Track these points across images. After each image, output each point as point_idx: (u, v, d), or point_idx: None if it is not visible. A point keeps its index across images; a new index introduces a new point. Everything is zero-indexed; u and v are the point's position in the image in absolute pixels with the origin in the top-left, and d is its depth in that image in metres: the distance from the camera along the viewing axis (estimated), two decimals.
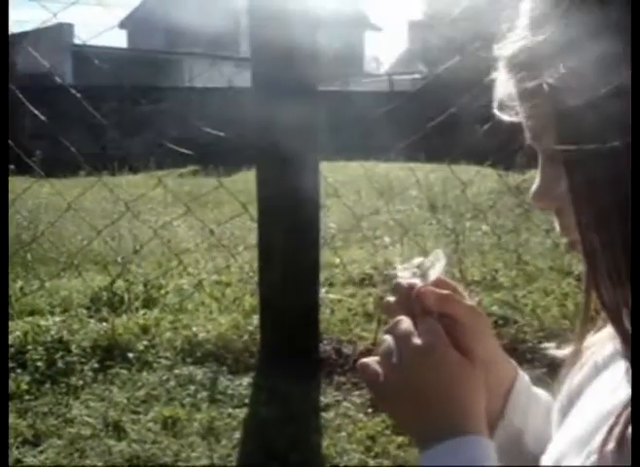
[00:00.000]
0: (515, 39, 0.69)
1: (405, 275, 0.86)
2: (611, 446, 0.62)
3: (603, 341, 0.77)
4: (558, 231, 0.76)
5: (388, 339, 0.80)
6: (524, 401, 0.89)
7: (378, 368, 0.80)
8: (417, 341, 0.78)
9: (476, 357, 0.80)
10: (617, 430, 0.62)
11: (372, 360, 0.81)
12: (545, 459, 0.73)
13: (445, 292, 0.84)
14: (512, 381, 0.90)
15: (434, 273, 0.85)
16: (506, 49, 0.71)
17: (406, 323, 0.80)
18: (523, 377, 0.92)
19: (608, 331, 0.75)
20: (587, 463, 0.64)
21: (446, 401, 0.76)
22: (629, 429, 0.61)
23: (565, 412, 0.79)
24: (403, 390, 0.77)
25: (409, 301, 0.83)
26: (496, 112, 0.76)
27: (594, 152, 0.63)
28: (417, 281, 0.85)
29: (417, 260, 0.87)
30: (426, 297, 0.82)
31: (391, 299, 0.86)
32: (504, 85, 0.73)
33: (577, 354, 0.80)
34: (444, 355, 0.77)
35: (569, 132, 0.65)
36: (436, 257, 0.86)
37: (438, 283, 0.85)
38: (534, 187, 0.76)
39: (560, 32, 0.64)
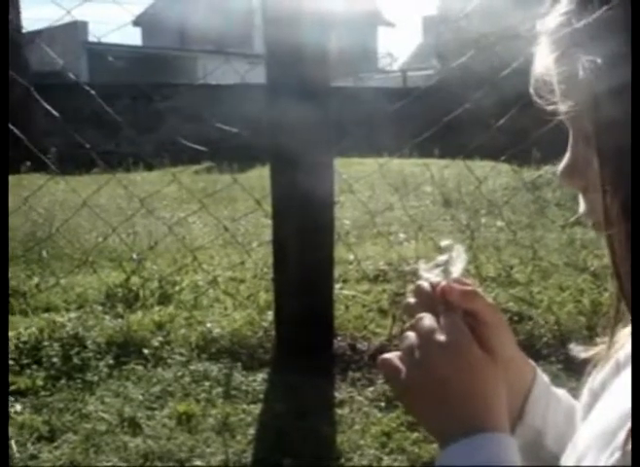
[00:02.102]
0: (558, 14, 0.69)
1: (429, 276, 0.85)
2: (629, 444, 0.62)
3: (628, 337, 0.76)
4: (582, 211, 0.75)
5: (410, 335, 0.79)
6: (544, 401, 0.89)
7: (400, 363, 0.79)
8: (441, 337, 0.77)
9: (497, 356, 0.79)
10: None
11: (393, 355, 0.80)
12: (567, 454, 0.73)
13: (470, 288, 0.83)
14: (531, 382, 0.89)
15: (456, 270, 0.84)
16: (548, 23, 0.70)
17: (429, 320, 0.79)
18: (542, 377, 0.91)
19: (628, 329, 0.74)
20: (611, 460, 0.63)
21: (469, 398, 0.75)
22: None
23: (590, 408, 0.78)
24: (425, 386, 0.77)
25: (431, 300, 0.82)
26: (532, 89, 0.75)
27: (628, 141, 0.62)
28: (440, 279, 0.84)
29: (440, 258, 0.86)
30: (450, 293, 0.82)
31: (412, 300, 0.85)
32: (543, 60, 0.72)
33: (606, 353, 0.79)
34: (468, 352, 0.76)
35: (605, 118, 0.64)
36: (457, 253, 0.86)
37: (458, 282, 0.84)
38: (563, 164, 0.75)
39: (605, 13, 0.63)
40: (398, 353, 0.80)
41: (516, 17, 0.72)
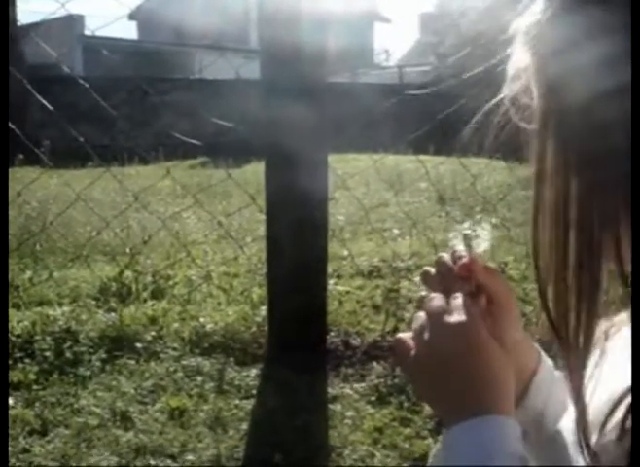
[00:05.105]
0: (534, 13, 0.69)
1: (459, 247, 0.85)
2: (611, 436, 0.62)
3: (618, 325, 0.76)
4: None
5: (421, 315, 0.80)
6: (547, 385, 0.90)
7: (412, 343, 0.80)
8: (449, 318, 0.78)
9: (504, 338, 0.80)
10: (614, 421, 0.62)
11: (406, 335, 0.81)
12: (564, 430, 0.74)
13: (492, 266, 0.84)
14: (535, 365, 0.90)
15: (484, 245, 0.85)
16: (524, 23, 0.70)
17: (438, 300, 0.80)
18: (547, 361, 0.92)
19: (623, 316, 0.75)
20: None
21: (472, 380, 0.76)
22: (629, 420, 0.60)
23: None
24: (431, 366, 0.78)
25: (450, 273, 0.83)
26: (505, 90, 0.75)
27: (600, 145, 0.62)
28: (462, 249, 0.85)
29: (464, 228, 0.86)
30: (474, 264, 0.82)
31: (432, 269, 0.86)
32: (518, 60, 0.72)
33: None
34: (475, 335, 0.77)
35: (579, 121, 0.64)
36: (483, 230, 0.86)
37: (479, 259, 0.85)
38: (532, 167, 0.76)
39: (582, 14, 0.63)
40: (411, 333, 0.81)
41: (514, 14, 0.72)
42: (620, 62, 0.60)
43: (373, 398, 3.53)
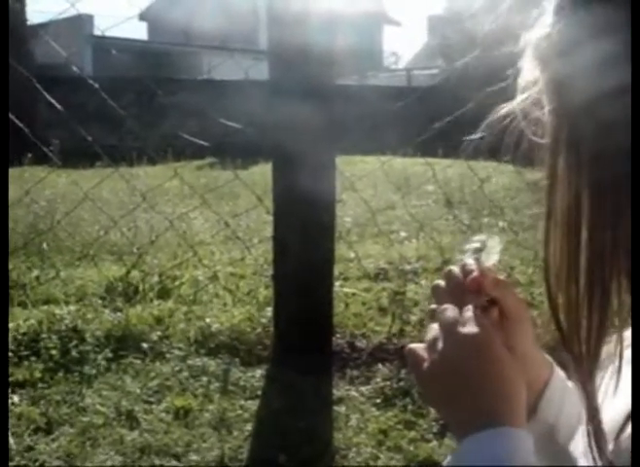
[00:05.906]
0: (541, 26, 0.69)
1: (469, 261, 0.85)
2: (625, 446, 0.62)
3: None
4: None
5: (435, 326, 0.81)
6: (558, 398, 0.89)
7: (425, 354, 0.80)
8: (462, 330, 0.78)
9: (517, 351, 0.80)
10: (628, 431, 0.62)
11: (419, 346, 0.82)
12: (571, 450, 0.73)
13: (503, 279, 0.84)
14: (547, 377, 0.89)
15: (493, 258, 0.85)
16: (532, 35, 0.70)
17: (451, 311, 0.80)
18: (559, 373, 0.91)
19: None
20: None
21: (484, 392, 0.76)
22: None
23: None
24: (444, 377, 0.78)
25: (460, 286, 0.83)
26: (516, 102, 0.75)
27: (606, 151, 0.62)
28: (472, 263, 0.85)
29: (474, 242, 0.86)
30: (484, 278, 0.82)
31: (441, 282, 0.86)
32: (529, 72, 0.72)
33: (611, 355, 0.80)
34: (487, 347, 0.77)
35: (587, 127, 0.64)
36: (493, 243, 0.86)
37: (490, 271, 0.85)
38: (543, 175, 0.76)
39: (590, 23, 0.63)
40: (424, 345, 0.81)
41: (523, 17, 0.72)
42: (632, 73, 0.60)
43: (378, 400, 3.53)
